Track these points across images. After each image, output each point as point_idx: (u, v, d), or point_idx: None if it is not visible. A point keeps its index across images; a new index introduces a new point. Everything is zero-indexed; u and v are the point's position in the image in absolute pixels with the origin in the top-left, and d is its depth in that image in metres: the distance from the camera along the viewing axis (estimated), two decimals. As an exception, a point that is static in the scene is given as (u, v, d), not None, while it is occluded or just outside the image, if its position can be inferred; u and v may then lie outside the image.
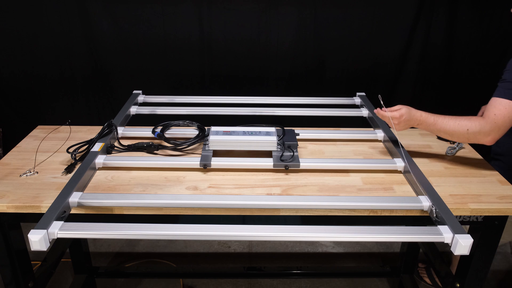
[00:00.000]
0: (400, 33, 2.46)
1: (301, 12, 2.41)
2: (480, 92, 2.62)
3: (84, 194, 1.12)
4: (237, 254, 2.35)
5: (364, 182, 1.27)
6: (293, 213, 1.15)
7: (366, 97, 1.84)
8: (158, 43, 2.44)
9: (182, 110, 1.70)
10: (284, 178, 1.29)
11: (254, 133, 1.38)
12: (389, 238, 1.00)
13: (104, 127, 1.44)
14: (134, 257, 2.31)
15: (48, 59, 2.45)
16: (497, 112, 1.26)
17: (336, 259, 2.34)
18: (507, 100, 1.25)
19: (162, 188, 1.22)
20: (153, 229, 0.98)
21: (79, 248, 1.88)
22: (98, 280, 2.03)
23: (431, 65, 2.55)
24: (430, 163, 1.40)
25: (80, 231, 0.97)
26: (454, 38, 2.47)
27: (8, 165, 1.34)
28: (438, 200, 1.11)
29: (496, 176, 1.32)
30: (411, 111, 1.33)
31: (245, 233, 0.98)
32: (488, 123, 1.26)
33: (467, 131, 1.28)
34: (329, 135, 1.57)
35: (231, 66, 2.55)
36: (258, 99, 1.81)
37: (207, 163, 1.29)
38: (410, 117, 1.32)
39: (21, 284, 1.32)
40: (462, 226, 1.00)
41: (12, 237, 1.25)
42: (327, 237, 1.00)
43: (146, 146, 1.41)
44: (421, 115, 1.34)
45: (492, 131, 1.26)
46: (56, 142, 1.51)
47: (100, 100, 2.61)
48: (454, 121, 1.30)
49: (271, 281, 2.12)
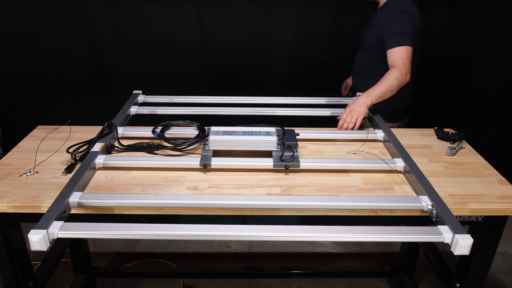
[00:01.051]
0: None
1: (301, 12, 2.41)
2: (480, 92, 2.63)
3: (84, 194, 1.12)
4: (237, 254, 2.35)
5: (364, 182, 1.27)
6: (293, 213, 1.15)
7: (366, 97, 1.83)
8: (158, 43, 2.44)
9: (182, 110, 1.69)
10: (284, 178, 1.29)
11: (254, 133, 1.38)
12: (389, 238, 1.00)
13: (104, 127, 1.44)
14: (134, 257, 2.31)
15: (48, 59, 2.45)
16: (402, 57, 1.67)
17: (336, 259, 2.34)
18: (400, 47, 1.69)
19: (162, 188, 1.22)
20: (153, 229, 0.98)
21: (79, 248, 1.88)
22: (98, 280, 2.03)
23: (431, 65, 2.55)
24: (430, 163, 1.40)
25: (80, 231, 0.97)
26: (454, 38, 2.47)
27: (8, 165, 1.34)
28: (438, 200, 1.11)
29: (496, 176, 1.32)
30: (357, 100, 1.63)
31: (245, 233, 0.98)
32: (402, 66, 1.66)
33: (396, 79, 1.63)
34: (329, 135, 1.57)
35: (231, 66, 2.55)
36: (258, 99, 1.81)
37: (207, 163, 1.29)
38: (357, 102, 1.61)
39: (21, 284, 1.32)
40: (462, 226, 1.00)
41: (12, 237, 1.25)
42: (327, 237, 1.00)
43: (146, 146, 1.41)
44: (366, 96, 1.62)
45: (407, 71, 1.67)
46: (56, 142, 1.51)
47: (100, 100, 2.61)
48: (386, 81, 1.64)
49: (271, 281, 2.12)
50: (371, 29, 1.87)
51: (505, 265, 2.28)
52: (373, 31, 1.83)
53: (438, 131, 1.59)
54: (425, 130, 1.65)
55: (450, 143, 1.55)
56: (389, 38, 1.71)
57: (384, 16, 1.78)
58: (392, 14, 1.75)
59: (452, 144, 1.54)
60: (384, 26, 1.75)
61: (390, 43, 1.71)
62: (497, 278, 2.19)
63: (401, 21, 1.72)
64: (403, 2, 1.78)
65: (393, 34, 1.70)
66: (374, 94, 1.63)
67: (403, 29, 1.70)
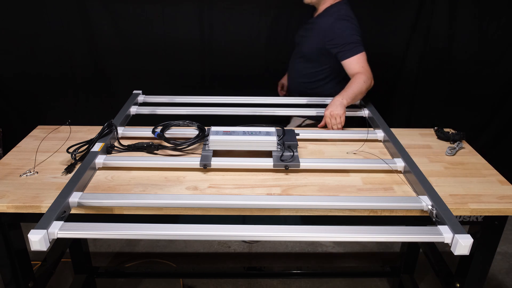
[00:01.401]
0: (400, 32, 2.46)
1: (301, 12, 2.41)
2: (480, 92, 2.63)
3: (84, 194, 1.12)
4: (237, 254, 2.35)
5: (364, 182, 1.27)
6: (293, 213, 1.15)
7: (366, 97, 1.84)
8: (158, 43, 2.44)
9: (182, 110, 1.70)
10: (284, 178, 1.29)
11: (254, 133, 1.38)
12: (389, 238, 1.00)
13: (104, 127, 1.44)
14: (134, 257, 2.31)
15: (49, 59, 2.45)
16: (362, 65, 1.75)
17: (336, 259, 2.34)
18: (357, 55, 1.75)
19: (162, 188, 1.22)
20: (153, 229, 0.98)
21: (79, 248, 1.88)
22: (98, 280, 2.03)
23: (431, 65, 2.54)
24: (430, 163, 1.40)
25: (80, 231, 0.97)
26: (454, 38, 2.47)
27: (8, 165, 1.34)
28: (438, 200, 1.11)
29: (496, 176, 1.32)
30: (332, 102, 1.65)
31: (245, 233, 0.98)
32: (366, 72, 1.73)
33: (364, 83, 1.70)
34: (329, 135, 1.57)
35: (231, 66, 2.55)
36: (258, 99, 1.81)
37: (207, 163, 1.29)
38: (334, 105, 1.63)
39: (21, 284, 1.32)
40: (462, 226, 1.00)
41: (12, 237, 1.25)
42: (327, 237, 1.00)
43: (146, 146, 1.41)
44: (341, 97, 1.65)
45: (371, 76, 1.75)
46: (56, 142, 1.51)
47: (100, 100, 2.61)
48: (355, 84, 1.69)
49: (271, 281, 2.12)
50: (312, 36, 1.86)
51: (505, 265, 2.28)
52: (315, 39, 1.83)
53: (438, 131, 1.59)
54: (425, 130, 1.65)
55: (450, 143, 1.55)
56: (343, 49, 1.75)
57: (330, 27, 1.78)
58: (339, 25, 1.77)
59: (452, 144, 1.54)
60: (333, 37, 1.77)
61: (345, 54, 1.75)
62: (497, 278, 2.19)
63: (350, 30, 1.76)
64: (344, 9, 1.80)
65: (346, 45, 1.74)
66: (347, 95, 1.66)
67: (353, 37, 1.75)
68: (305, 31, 1.93)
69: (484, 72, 2.55)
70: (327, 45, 1.79)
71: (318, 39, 1.82)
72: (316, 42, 1.83)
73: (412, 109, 2.69)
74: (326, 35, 1.79)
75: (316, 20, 1.87)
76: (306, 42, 1.89)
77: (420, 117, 2.70)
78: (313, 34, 1.85)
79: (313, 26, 1.86)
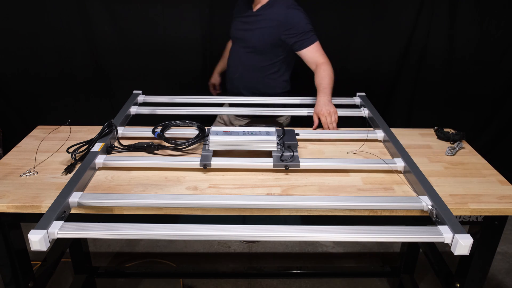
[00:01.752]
0: (401, 32, 2.46)
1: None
2: (480, 92, 2.63)
3: (84, 194, 1.12)
4: (237, 254, 2.35)
5: (364, 182, 1.27)
6: (293, 213, 1.15)
7: (366, 97, 1.84)
8: (158, 43, 2.44)
9: (182, 110, 1.69)
10: (284, 178, 1.29)
11: (254, 133, 1.38)
12: (389, 238, 1.00)
13: (104, 127, 1.44)
14: (134, 257, 2.31)
15: (49, 59, 2.45)
16: (321, 53, 1.80)
17: (336, 259, 2.34)
18: (314, 44, 1.79)
19: (162, 188, 1.22)
20: (153, 229, 0.98)
21: (79, 248, 1.88)
22: (98, 280, 2.03)
23: (431, 65, 2.54)
24: (430, 163, 1.40)
25: (80, 231, 0.97)
26: (454, 38, 2.47)
27: (8, 165, 1.34)
28: (438, 200, 1.11)
29: (496, 176, 1.32)
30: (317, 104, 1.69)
31: (245, 233, 0.98)
32: (327, 61, 1.80)
33: (332, 71, 1.77)
34: (329, 135, 1.57)
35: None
36: (258, 99, 1.81)
37: (207, 163, 1.29)
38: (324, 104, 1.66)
39: (21, 284, 1.32)
40: (462, 226, 1.00)
41: (12, 237, 1.25)
42: (327, 237, 1.00)
43: (146, 146, 1.41)
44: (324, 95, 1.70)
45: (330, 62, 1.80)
46: (56, 142, 1.51)
47: (100, 100, 2.61)
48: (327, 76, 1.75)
49: (271, 281, 2.12)
50: (261, 28, 1.83)
51: (505, 265, 2.28)
52: (267, 31, 1.82)
53: (438, 131, 1.59)
54: (425, 130, 1.65)
55: (450, 143, 1.55)
56: (301, 39, 1.77)
57: (285, 17, 1.77)
58: (292, 14, 1.78)
59: (452, 144, 1.54)
60: (289, 28, 1.77)
61: (303, 44, 1.78)
62: (497, 278, 2.19)
63: (304, 19, 1.78)
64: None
65: (303, 34, 1.77)
66: (327, 91, 1.71)
67: (308, 26, 1.77)
68: (247, 25, 1.88)
69: (484, 72, 2.55)
70: (282, 36, 1.79)
71: (271, 30, 1.81)
72: (269, 34, 1.81)
73: (412, 109, 2.69)
74: (281, 26, 1.78)
75: (262, 12, 1.83)
76: (255, 35, 1.85)
77: (420, 117, 2.69)
78: (263, 26, 1.82)
79: (259, 18, 1.83)
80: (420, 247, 1.92)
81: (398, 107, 2.68)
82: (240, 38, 1.93)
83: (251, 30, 1.86)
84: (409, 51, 2.51)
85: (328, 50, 2.51)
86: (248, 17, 1.88)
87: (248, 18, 1.88)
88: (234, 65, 2.00)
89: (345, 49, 2.50)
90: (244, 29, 1.90)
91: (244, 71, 1.95)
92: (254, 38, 1.86)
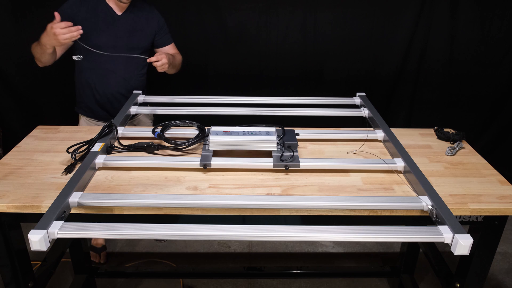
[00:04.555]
0: (401, 32, 2.46)
1: (301, 12, 2.41)
2: (480, 92, 2.63)
3: (84, 194, 1.12)
4: (237, 254, 2.35)
5: (364, 182, 1.27)
6: (293, 213, 1.15)
7: (366, 97, 1.84)
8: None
9: (182, 110, 1.69)
10: (284, 178, 1.29)
11: (254, 133, 1.38)
12: (389, 238, 1.00)
13: (104, 127, 1.44)
14: (134, 257, 2.31)
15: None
16: (175, 49, 2.09)
17: (336, 259, 2.34)
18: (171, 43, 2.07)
19: (162, 188, 1.22)
20: (153, 229, 0.98)
21: (79, 248, 1.88)
22: (98, 280, 2.03)
23: (432, 65, 2.55)
24: (430, 163, 1.40)
25: (80, 231, 0.97)
26: (454, 38, 2.47)
27: (8, 165, 1.34)
28: (438, 200, 1.11)
29: (496, 176, 1.32)
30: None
31: (245, 233, 0.98)
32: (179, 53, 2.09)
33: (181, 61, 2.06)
34: (329, 135, 1.57)
35: (231, 66, 2.55)
36: (258, 99, 1.81)
37: (207, 163, 1.29)
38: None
39: (21, 284, 1.32)
40: (462, 226, 1.00)
41: (12, 237, 1.25)
42: (327, 237, 1.00)
43: (146, 146, 1.41)
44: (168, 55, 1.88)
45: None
46: (56, 142, 1.51)
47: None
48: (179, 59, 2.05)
49: (271, 281, 2.12)
50: (137, 30, 1.91)
51: (505, 265, 2.28)
52: (145, 32, 1.93)
53: (438, 131, 1.59)
54: (425, 130, 1.65)
55: (450, 143, 1.55)
56: (166, 35, 2.03)
57: (157, 17, 1.97)
58: (157, 13, 1.97)
59: (452, 144, 1.54)
60: (161, 26, 1.98)
61: (168, 40, 2.04)
62: (497, 278, 2.19)
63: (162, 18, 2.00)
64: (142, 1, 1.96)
65: (167, 32, 2.02)
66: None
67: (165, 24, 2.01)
68: (114, 28, 1.88)
69: (485, 72, 2.55)
70: (157, 35, 1.97)
71: (148, 31, 1.94)
72: (148, 35, 1.95)
73: (412, 109, 2.69)
74: (154, 26, 1.95)
75: (128, 15, 1.89)
76: (133, 37, 1.91)
77: (420, 117, 2.70)
78: (139, 28, 1.91)
79: (127, 21, 1.89)
80: (420, 247, 1.92)
81: (398, 107, 2.69)
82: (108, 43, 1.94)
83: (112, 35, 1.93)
84: (409, 52, 2.51)
85: (329, 50, 2.53)
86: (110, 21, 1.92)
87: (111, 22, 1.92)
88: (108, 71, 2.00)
89: (346, 49, 2.51)
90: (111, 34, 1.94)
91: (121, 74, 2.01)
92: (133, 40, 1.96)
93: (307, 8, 2.41)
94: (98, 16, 1.85)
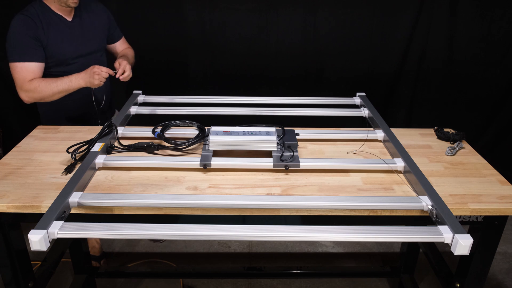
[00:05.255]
0: (401, 32, 2.46)
1: (301, 12, 2.41)
2: (481, 92, 2.63)
3: (84, 194, 1.12)
4: (237, 254, 2.35)
5: (364, 182, 1.27)
6: (293, 213, 1.15)
7: (366, 97, 1.84)
8: (158, 43, 2.44)
9: (182, 110, 1.70)
10: (284, 178, 1.29)
11: (254, 133, 1.38)
12: (389, 238, 1.00)
13: (104, 127, 1.44)
14: (134, 257, 2.31)
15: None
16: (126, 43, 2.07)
17: (336, 259, 2.34)
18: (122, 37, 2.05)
19: (162, 188, 1.22)
20: (153, 229, 0.98)
21: (79, 248, 1.88)
22: (98, 280, 2.03)
23: (432, 65, 2.55)
24: (430, 163, 1.40)
25: (80, 231, 0.97)
26: (454, 38, 2.47)
27: (8, 165, 1.34)
28: (438, 200, 1.11)
29: (496, 176, 1.32)
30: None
31: (245, 233, 0.98)
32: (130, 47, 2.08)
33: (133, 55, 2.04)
34: (329, 135, 1.57)
35: (231, 66, 2.55)
36: (258, 99, 1.81)
37: (207, 163, 1.29)
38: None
39: (21, 284, 1.32)
40: (462, 226, 1.00)
41: (12, 237, 1.25)
42: (327, 237, 1.00)
43: (146, 146, 1.41)
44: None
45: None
46: (56, 142, 1.51)
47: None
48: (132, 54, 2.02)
49: (271, 281, 2.12)
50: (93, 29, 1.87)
51: (505, 265, 2.28)
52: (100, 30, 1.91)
53: (438, 131, 1.59)
54: (425, 130, 1.65)
55: (450, 143, 1.55)
56: (117, 30, 2.01)
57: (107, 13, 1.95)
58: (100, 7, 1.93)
59: (452, 144, 1.54)
60: (111, 21, 1.97)
61: (119, 35, 2.03)
62: (497, 278, 2.19)
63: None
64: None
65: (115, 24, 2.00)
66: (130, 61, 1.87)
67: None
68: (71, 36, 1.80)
69: (485, 73, 2.55)
70: (110, 29, 1.96)
71: (101, 28, 1.92)
72: (103, 32, 1.93)
73: (412, 109, 2.69)
74: (105, 20, 1.93)
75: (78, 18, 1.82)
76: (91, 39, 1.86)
77: (420, 117, 2.70)
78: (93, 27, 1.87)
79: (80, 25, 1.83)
80: (420, 247, 1.92)
81: (398, 107, 2.69)
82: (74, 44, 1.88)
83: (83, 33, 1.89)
84: (409, 52, 2.51)
85: (329, 50, 2.53)
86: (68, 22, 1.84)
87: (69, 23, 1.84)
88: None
89: (346, 49, 2.51)
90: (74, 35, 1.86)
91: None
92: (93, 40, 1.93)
93: (307, 8, 2.41)
94: (54, 28, 1.75)
